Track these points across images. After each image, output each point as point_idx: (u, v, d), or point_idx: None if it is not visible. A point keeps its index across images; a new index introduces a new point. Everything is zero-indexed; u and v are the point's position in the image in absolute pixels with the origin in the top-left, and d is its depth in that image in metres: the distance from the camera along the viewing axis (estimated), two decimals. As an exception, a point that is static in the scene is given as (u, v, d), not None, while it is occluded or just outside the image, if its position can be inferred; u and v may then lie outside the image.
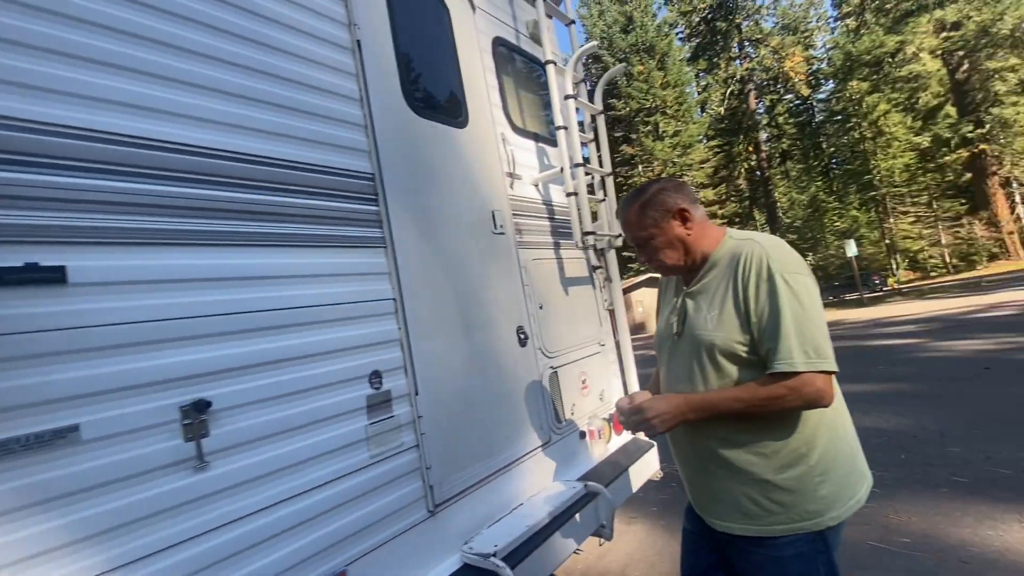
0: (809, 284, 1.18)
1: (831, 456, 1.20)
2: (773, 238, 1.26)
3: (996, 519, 2.85)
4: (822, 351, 1.12)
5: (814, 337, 1.12)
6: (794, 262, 1.19)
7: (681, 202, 1.32)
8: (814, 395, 1.12)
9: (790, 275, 1.15)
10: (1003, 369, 6.07)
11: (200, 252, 1.26)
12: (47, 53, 1.08)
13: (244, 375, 1.28)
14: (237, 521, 1.21)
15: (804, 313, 1.13)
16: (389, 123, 1.82)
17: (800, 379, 1.11)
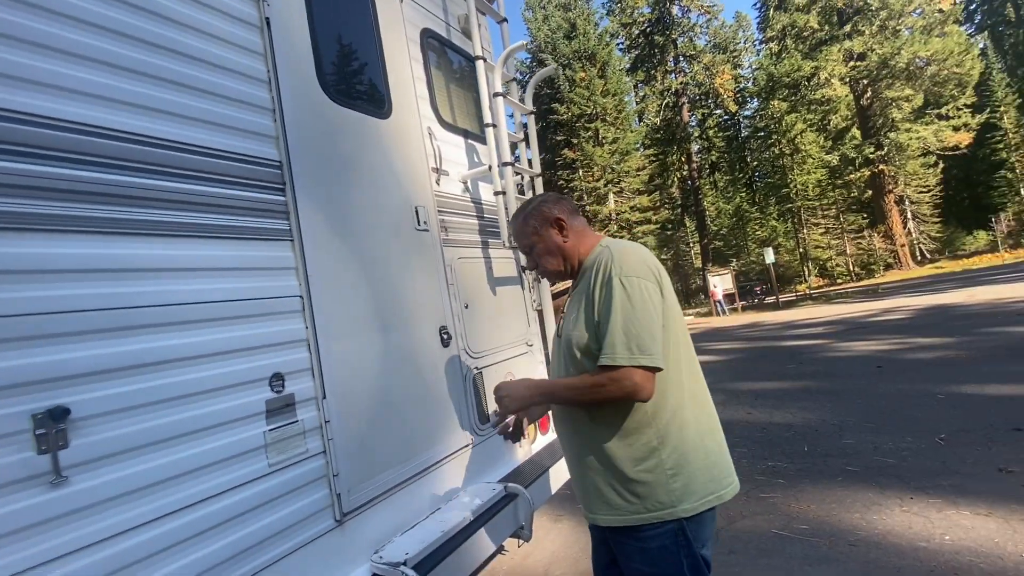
0: (645, 287, 1.25)
1: (683, 451, 1.27)
2: (628, 246, 1.35)
3: (881, 505, 3.13)
4: (645, 348, 1.19)
5: (639, 335, 1.20)
6: (635, 266, 1.27)
7: (558, 213, 1.45)
8: (631, 388, 1.19)
9: (627, 278, 1.24)
10: (893, 368, 6.72)
11: (66, 239, 1.11)
12: None
13: (115, 378, 1.14)
14: (104, 541, 1.08)
15: (633, 313, 1.21)
16: (300, 108, 1.71)
17: (620, 372, 1.20)
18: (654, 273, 1.29)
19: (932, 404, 4.95)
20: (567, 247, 1.45)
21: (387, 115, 2.11)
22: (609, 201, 36.15)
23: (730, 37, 43.98)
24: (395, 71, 2.19)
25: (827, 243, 36.91)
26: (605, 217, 36.01)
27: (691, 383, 1.34)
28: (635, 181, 36.77)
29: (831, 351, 8.83)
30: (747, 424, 5.19)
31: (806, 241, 36.60)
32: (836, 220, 37.17)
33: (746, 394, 6.48)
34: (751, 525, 3.13)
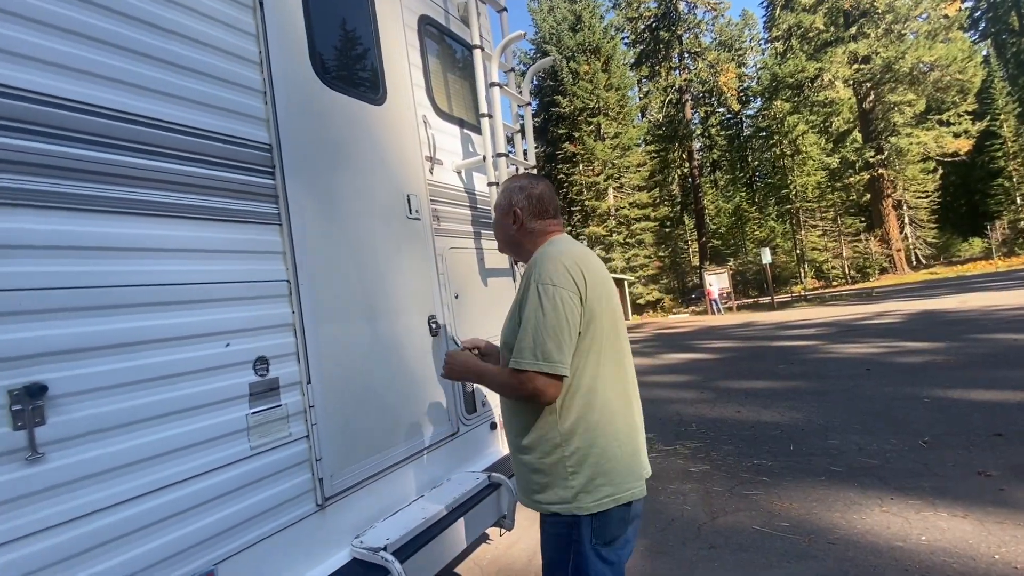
0: (560, 295, 1.27)
1: (585, 452, 1.31)
2: (554, 251, 1.37)
3: (861, 504, 3.17)
4: (549, 356, 1.24)
5: (544, 343, 1.24)
6: (553, 274, 1.29)
7: (517, 204, 1.49)
8: (532, 391, 1.25)
9: (543, 286, 1.28)
10: (881, 370, 6.77)
11: (49, 216, 1.11)
12: None
13: (95, 357, 1.14)
14: (78, 519, 1.08)
15: (543, 320, 1.25)
16: (292, 92, 1.69)
17: (525, 376, 1.25)
18: (575, 280, 1.30)
19: (917, 407, 4.99)
20: (515, 238, 1.51)
21: (381, 101, 2.09)
22: (608, 196, 36.08)
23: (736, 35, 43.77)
24: (391, 57, 2.18)
25: (824, 245, 37.03)
26: (604, 212, 35.97)
27: (607, 389, 1.35)
28: (635, 177, 36.69)
29: (822, 352, 8.88)
30: (736, 422, 5.23)
31: (803, 243, 36.70)
32: (834, 223, 37.28)
33: (737, 392, 6.53)
34: (733, 521, 3.16)
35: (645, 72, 42.84)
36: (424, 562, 1.65)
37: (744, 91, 41.74)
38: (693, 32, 41.50)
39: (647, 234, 36.13)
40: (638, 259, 35.31)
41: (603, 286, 1.37)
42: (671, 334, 16.84)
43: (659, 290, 36.63)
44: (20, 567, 1.00)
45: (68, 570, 1.06)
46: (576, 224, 37.10)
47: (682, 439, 4.95)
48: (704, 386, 7.36)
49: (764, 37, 42.40)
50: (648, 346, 13.87)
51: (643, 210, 36.16)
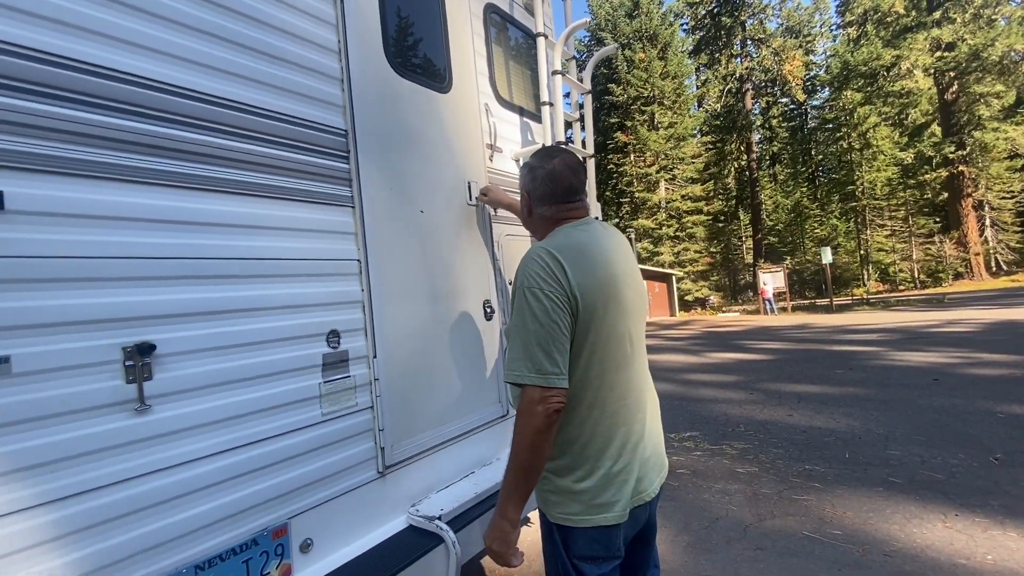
0: (546, 298, 1.16)
1: (562, 470, 1.25)
2: (542, 248, 1.24)
3: (922, 518, 3.02)
4: (541, 367, 1.14)
5: (534, 353, 1.15)
6: (535, 276, 1.19)
7: (526, 186, 1.41)
8: (525, 404, 1.15)
9: (528, 289, 1.18)
10: (950, 381, 6.35)
11: (155, 192, 1.22)
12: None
13: (194, 321, 1.26)
14: (178, 466, 1.21)
15: (530, 328, 1.16)
16: (367, 79, 1.77)
17: (522, 391, 1.16)
18: (558, 278, 1.18)
19: (990, 422, 4.67)
20: (531, 227, 1.47)
21: (447, 89, 2.15)
22: (660, 188, 35.20)
23: (805, 20, 41.36)
24: (457, 46, 2.22)
25: (892, 246, 34.73)
26: (654, 205, 35.15)
27: (610, 403, 1.24)
28: (689, 169, 35.59)
29: (884, 359, 8.41)
30: (787, 426, 5.06)
31: (868, 243, 34.58)
32: (904, 222, 34.86)
33: (788, 395, 6.30)
34: (781, 524, 3.09)
35: (704, 60, 41.27)
36: (475, 534, 1.72)
37: (810, 80, 39.47)
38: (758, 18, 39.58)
39: (699, 228, 35.06)
40: (688, 253, 34.35)
41: (605, 281, 1.23)
42: (720, 333, 16.35)
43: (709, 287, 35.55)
44: (127, 506, 1.12)
45: (166, 511, 1.18)
46: (624, 216, 36.47)
47: (729, 439, 4.85)
48: (753, 387, 7.14)
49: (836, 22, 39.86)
50: (695, 344, 13.54)
51: (696, 203, 35.07)
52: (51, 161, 1.06)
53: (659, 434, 1.40)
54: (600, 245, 1.29)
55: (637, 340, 1.32)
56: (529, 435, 1.13)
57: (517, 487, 1.18)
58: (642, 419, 1.32)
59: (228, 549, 1.28)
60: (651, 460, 1.32)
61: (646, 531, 1.40)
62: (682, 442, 4.88)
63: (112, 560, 1.10)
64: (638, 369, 1.32)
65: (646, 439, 1.32)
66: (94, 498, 1.08)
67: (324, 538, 1.50)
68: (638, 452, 1.28)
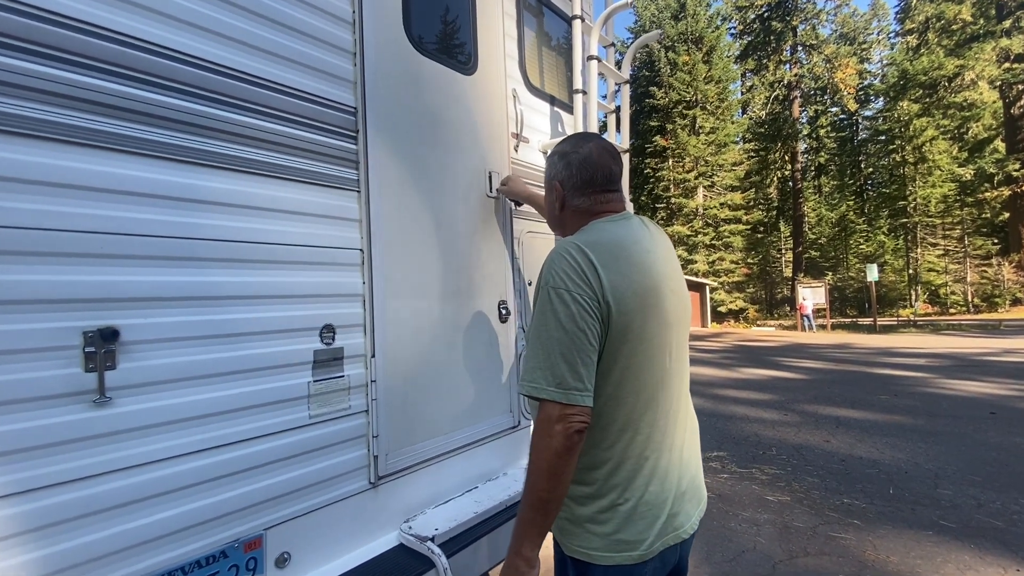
0: (574, 303, 1.00)
1: (584, 498, 1.09)
2: (573, 243, 1.07)
3: (979, 571, 2.70)
4: (563, 381, 0.98)
5: (556, 364, 0.99)
6: (562, 276, 1.02)
7: (558, 174, 1.22)
8: (542, 422, 0.99)
9: (555, 289, 1.02)
10: (1009, 416, 5.83)
11: (131, 161, 1.10)
12: None
13: (169, 307, 1.14)
14: (139, 467, 1.09)
15: (554, 336, 1.00)
16: (383, 55, 1.63)
17: (540, 405, 1.00)
18: (590, 281, 1.02)
19: (1058, 466, 4.23)
20: (556, 211, 1.26)
21: (472, 71, 1.99)
22: (698, 195, 34.34)
23: (861, 27, 39.59)
24: (485, 25, 2.06)
25: (944, 267, 32.85)
26: (691, 212, 34.30)
27: (647, 425, 1.08)
28: (729, 176, 34.58)
29: (933, 387, 7.84)
30: (824, 452, 4.71)
31: (918, 262, 32.82)
32: (959, 242, 32.92)
33: (826, 419, 5.90)
34: (815, 564, 2.81)
35: (751, 65, 40.01)
36: (470, 560, 1.56)
37: (864, 89, 37.75)
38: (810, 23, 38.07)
39: (736, 238, 34.01)
40: (723, 263, 33.37)
41: (647, 287, 1.06)
42: (754, 347, 15.74)
43: (744, 299, 34.45)
44: (78, 508, 1.01)
45: (123, 516, 1.06)
46: (660, 222, 35.69)
47: (759, 463, 4.54)
48: (788, 407, 6.74)
49: (895, 29, 37.98)
50: (727, 358, 13.04)
51: (735, 212, 34.04)
52: (11, 120, 0.95)
53: (698, 462, 1.21)
54: (641, 244, 1.11)
55: (678, 354, 1.13)
56: (546, 459, 0.97)
57: (534, 521, 1.00)
58: (680, 444, 1.13)
59: (192, 561, 1.15)
60: (688, 493, 1.13)
61: (674, 575, 1.21)
62: (708, 462, 4.59)
63: (58, 567, 0.98)
64: (677, 387, 1.13)
65: (683, 468, 1.13)
66: (41, 497, 0.97)
67: (303, 553, 1.36)
68: (673, 482, 1.10)
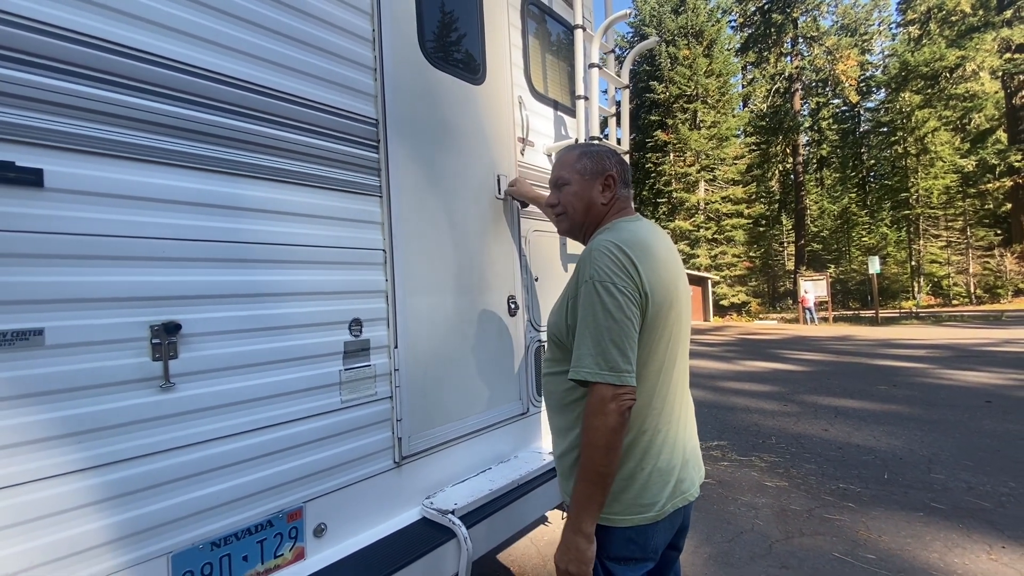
0: (620, 294, 1.12)
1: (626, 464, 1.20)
2: (614, 241, 1.19)
3: (965, 548, 2.84)
4: (615, 364, 1.09)
5: (607, 349, 1.10)
6: (607, 270, 1.14)
7: (614, 171, 1.34)
8: (596, 403, 1.09)
9: (601, 283, 1.14)
10: (1005, 404, 5.96)
11: (188, 175, 1.25)
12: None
13: (220, 303, 1.28)
14: (198, 444, 1.23)
15: (603, 324, 1.11)
16: (400, 69, 1.76)
17: (591, 389, 1.11)
18: (632, 276, 1.14)
19: (1049, 451, 4.36)
20: (596, 206, 1.34)
21: (480, 81, 2.13)
22: (699, 189, 34.34)
23: (862, 18, 39.41)
24: (493, 37, 2.20)
25: (946, 258, 32.82)
26: (692, 206, 34.33)
27: (664, 402, 1.23)
28: (731, 170, 34.55)
29: (932, 377, 7.96)
30: (822, 440, 4.85)
31: (920, 254, 32.81)
32: (962, 233, 32.87)
33: (825, 409, 6.04)
34: (811, 543, 2.96)
35: (751, 58, 39.92)
36: (487, 531, 1.71)
37: (865, 81, 37.61)
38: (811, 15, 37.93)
39: (738, 232, 34.03)
40: (725, 257, 33.43)
41: (669, 282, 1.21)
42: (756, 340, 15.86)
43: (746, 292, 34.49)
44: (148, 480, 1.16)
45: (185, 488, 1.21)
46: (661, 217, 35.75)
47: (759, 451, 4.69)
48: (788, 398, 6.88)
49: (896, 20, 37.83)
50: (729, 350, 13.17)
51: (736, 206, 34.05)
52: (89, 142, 1.09)
53: (695, 434, 1.39)
54: (661, 243, 1.28)
55: (685, 342, 1.32)
56: (603, 435, 1.08)
57: (593, 496, 1.10)
58: (685, 419, 1.32)
59: (244, 528, 1.30)
60: (691, 461, 1.31)
61: (679, 536, 1.37)
62: (709, 451, 4.74)
63: (132, 531, 1.13)
64: (681, 367, 1.32)
65: (687, 438, 1.31)
66: (117, 471, 1.11)
67: (338, 524, 1.51)
68: (680, 451, 1.27)
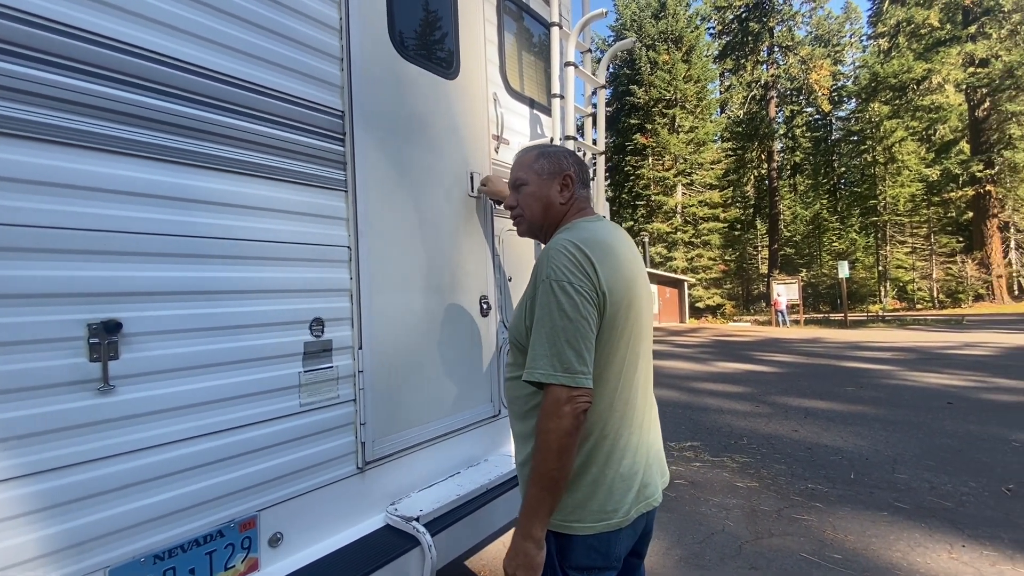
0: (576, 294, 1.09)
1: (578, 473, 1.17)
2: (571, 240, 1.16)
3: (927, 547, 2.90)
4: (569, 366, 1.07)
5: (563, 351, 1.08)
6: (564, 270, 1.11)
7: (571, 171, 1.34)
8: (550, 405, 1.07)
9: (558, 283, 1.11)
10: (965, 406, 6.16)
11: (134, 164, 1.17)
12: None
13: (169, 301, 1.21)
14: (141, 451, 1.16)
15: (559, 324, 1.09)
16: (369, 60, 1.70)
17: (546, 391, 1.09)
18: (589, 275, 1.12)
19: (1004, 450, 4.51)
20: (555, 206, 1.33)
21: (454, 76, 2.08)
22: (677, 193, 34.84)
23: (835, 30, 40.56)
24: (468, 32, 2.15)
25: (911, 264, 34.01)
26: (670, 209, 34.80)
27: (625, 404, 1.19)
28: (708, 175, 35.17)
29: (896, 379, 8.20)
30: (792, 441, 4.93)
31: (888, 259, 33.92)
32: (926, 240, 34.10)
33: (795, 410, 6.16)
34: (779, 544, 2.99)
35: (729, 65, 40.67)
36: (454, 538, 1.66)
37: (837, 91, 38.70)
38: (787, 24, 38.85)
39: (714, 235, 34.66)
40: (702, 260, 34.00)
41: (629, 281, 1.19)
42: (730, 342, 16.13)
43: (721, 295, 35.14)
44: (84, 489, 1.08)
45: (125, 497, 1.13)
46: (640, 219, 36.16)
47: (731, 451, 4.74)
48: (760, 399, 6.99)
49: (867, 32, 39.01)
50: (704, 352, 13.37)
51: (713, 210, 34.67)
52: (22, 125, 1.01)
53: (660, 437, 1.36)
54: (621, 242, 1.26)
55: (646, 342, 1.29)
56: (556, 439, 1.05)
57: (544, 500, 1.07)
58: (648, 422, 1.29)
59: (191, 540, 1.23)
60: (654, 465, 1.28)
61: (641, 542, 1.34)
62: (682, 452, 4.78)
63: (65, 544, 1.05)
64: (644, 369, 1.28)
65: (650, 442, 1.28)
66: (50, 479, 1.03)
67: (295, 533, 1.45)
68: (643, 455, 1.24)
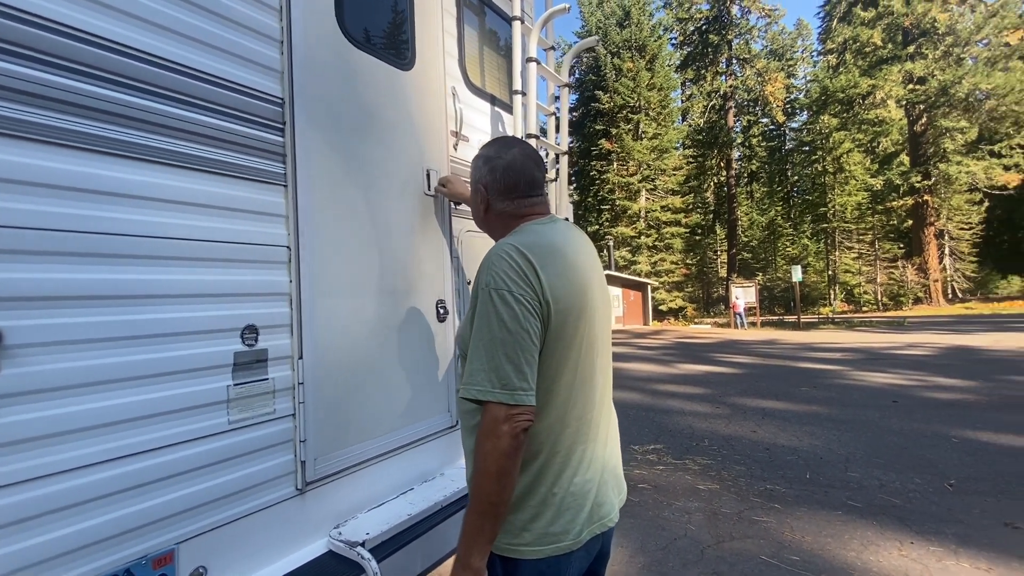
0: (517, 303, 1.00)
1: (524, 494, 1.08)
2: (510, 246, 1.08)
3: (879, 545, 2.96)
4: (508, 382, 0.98)
5: (501, 365, 0.99)
6: (503, 276, 1.03)
7: (483, 178, 1.25)
8: (488, 424, 0.98)
9: (496, 291, 1.02)
10: (909, 404, 6.44)
11: (25, 148, 1.00)
12: None
13: (66, 307, 1.04)
14: (25, 482, 0.98)
15: (497, 337, 1.00)
16: (313, 45, 1.57)
17: (484, 407, 1.00)
18: (531, 282, 1.03)
19: (945, 447, 4.71)
20: (489, 223, 1.29)
21: (409, 67, 1.96)
22: (641, 198, 35.53)
23: (788, 45, 42.37)
24: (424, 21, 2.04)
25: (858, 268, 35.86)
26: (634, 214, 35.45)
27: (577, 420, 1.10)
28: (670, 181, 36.04)
29: (846, 379, 8.53)
30: (751, 442, 5.01)
31: (836, 264, 35.60)
32: (871, 246, 36.03)
33: (754, 411, 6.29)
34: (740, 547, 2.99)
35: (690, 75, 41.86)
36: (404, 562, 1.54)
37: (791, 103, 40.42)
38: (744, 38, 40.34)
39: (676, 240, 35.52)
40: (664, 264, 34.77)
41: (579, 288, 1.09)
42: (691, 344, 16.50)
43: (683, 298, 36.03)
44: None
45: (6, 537, 0.96)
46: (604, 223, 36.67)
47: (692, 454, 4.77)
48: (720, 401, 7.12)
49: (817, 49, 40.95)
50: (667, 354, 13.60)
51: (675, 215, 35.55)
52: None
53: (618, 453, 1.26)
54: (571, 245, 1.16)
55: (603, 350, 1.18)
56: (494, 460, 0.96)
57: (482, 528, 0.98)
58: (604, 437, 1.18)
59: (91, 582, 1.06)
60: (610, 483, 1.18)
61: (598, 562, 1.24)
62: (646, 455, 4.78)
63: (-74, 598, 0.88)
64: (602, 381, 1.18)
65: (607, 459, 1.18)
66: (-96, 521, 0.86)
67: (223, 565, 1.29)
68: (597, 473, 1.14)
